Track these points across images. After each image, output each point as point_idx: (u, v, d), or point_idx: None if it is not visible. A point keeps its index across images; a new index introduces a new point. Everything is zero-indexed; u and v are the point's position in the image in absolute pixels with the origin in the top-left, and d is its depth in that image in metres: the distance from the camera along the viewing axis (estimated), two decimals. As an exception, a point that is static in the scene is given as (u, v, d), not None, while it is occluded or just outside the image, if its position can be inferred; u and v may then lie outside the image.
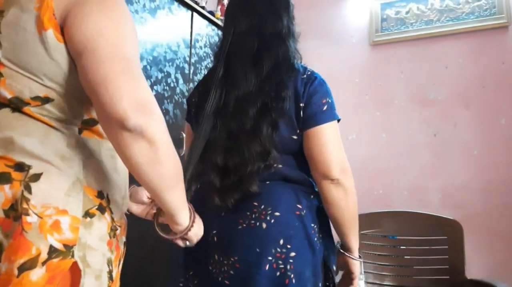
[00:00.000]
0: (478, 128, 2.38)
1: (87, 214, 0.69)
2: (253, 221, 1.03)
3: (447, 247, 1.91)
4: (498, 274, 2.18)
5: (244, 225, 1.04)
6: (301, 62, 1.15)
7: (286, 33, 1.12)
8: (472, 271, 1.92)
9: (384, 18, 2.68)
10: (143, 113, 0.63)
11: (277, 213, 1.03)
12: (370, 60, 2.71)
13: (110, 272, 0.73)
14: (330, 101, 1.08)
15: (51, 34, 0.67)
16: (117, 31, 0.68)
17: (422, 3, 2.59)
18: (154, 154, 0.65)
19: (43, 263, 0.63)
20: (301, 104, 1.06)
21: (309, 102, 1.06)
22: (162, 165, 0.67)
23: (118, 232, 0.78)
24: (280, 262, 1.01)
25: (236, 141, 1.06)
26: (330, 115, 1.06)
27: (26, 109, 0.69)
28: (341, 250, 1.17)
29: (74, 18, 0.67)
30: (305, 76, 1.09)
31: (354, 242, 1.14)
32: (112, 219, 0.76)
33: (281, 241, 1.02)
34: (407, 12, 2.62)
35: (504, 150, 2.31)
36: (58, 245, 0.64)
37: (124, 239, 0.81)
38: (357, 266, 1.17)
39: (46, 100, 0.69)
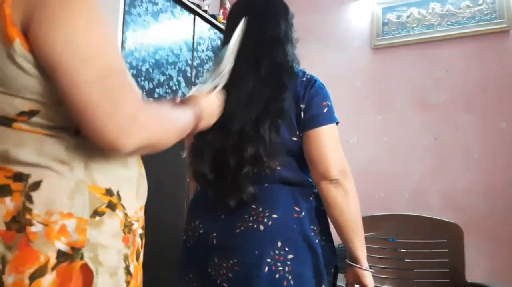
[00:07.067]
0: (479, 132, 2.39)
1: (96, 213, 0.69)
2: (250, 224, 1.04)
3: (447, 250, 1.91)
4: (498, 278, 2.18)
5: (243, 228, 1.04)
6: (299, 67, 1.16)
7: (284, 37, 1.14)
8: (472, 275, 1.92)
9: (386, 22, 2.70)
10: (123, 135, 0.65)
11: (274, 215, 1.03)
12: (371, 64, 2.72)
13: (127, 267, 0.73)
14: (329, 104, 1.10)
15: (18, 44, 0.62)
16: (90, 39, 0.64)
17: (423, 8, 2.60)
18: None
19: (53, 268, 0.64)
20: (301, 106, 1.07)
21: (310, 104, 1.07)
22: None
23: (134, 227, 0.77)
24: (279, 264, 1.01)
25: (236, 142, 1.06)
26: (330, 118, 1.08)
27: (16, 125, 0.67)
28: (350, 262, 1.12)
29: (38, 26, 0.61)
30: (304, 79, 1.11)
31: (360, 250, 1.09)
32: (126, 214, 0.75)
33: (279, 244, 1.02)
34: (408, 17, 2.64)
35: (504, 154, 2.31)
36: (66, 249, 0.65)
37: (140, 231, 0.80)
38: (369, 278, 1.10)
39: (31, 113, 0.66)
